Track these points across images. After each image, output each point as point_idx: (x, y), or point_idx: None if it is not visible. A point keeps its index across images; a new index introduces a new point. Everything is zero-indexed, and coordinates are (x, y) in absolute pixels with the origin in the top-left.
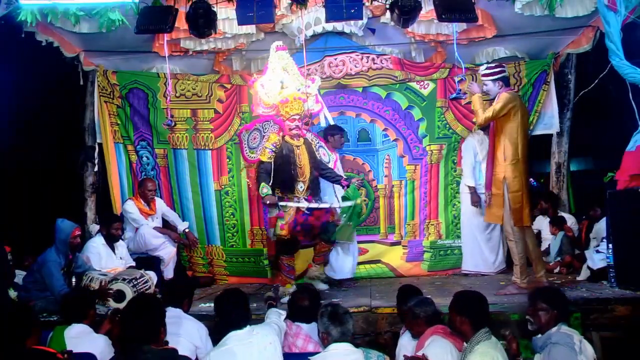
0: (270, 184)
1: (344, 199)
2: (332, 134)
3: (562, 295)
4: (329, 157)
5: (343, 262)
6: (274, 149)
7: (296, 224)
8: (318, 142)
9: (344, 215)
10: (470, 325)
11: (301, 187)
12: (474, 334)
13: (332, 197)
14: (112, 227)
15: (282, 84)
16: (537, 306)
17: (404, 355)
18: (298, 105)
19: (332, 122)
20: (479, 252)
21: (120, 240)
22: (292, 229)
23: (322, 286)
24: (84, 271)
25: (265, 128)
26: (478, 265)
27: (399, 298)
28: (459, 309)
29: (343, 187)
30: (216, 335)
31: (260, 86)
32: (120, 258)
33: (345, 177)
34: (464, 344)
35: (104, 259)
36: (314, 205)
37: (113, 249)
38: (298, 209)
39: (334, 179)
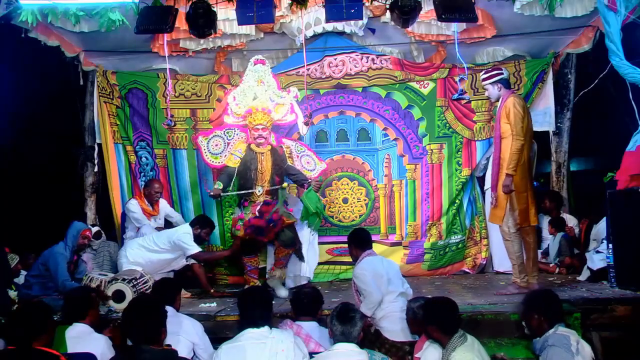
0: (230, 187)
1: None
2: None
3: (552, 299)
4: (315, 166)
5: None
6: (239, 156)
7: (248, 226)
8: (302, 151)
9: (302, 217)
10: (440, 333)
11: (259, 190)
12: (448, 341)
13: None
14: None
15: (254, 95)
16: (527, 312)
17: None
18: (262, 116)
19: (303, 133)
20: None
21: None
22: (245, 229)
23: (282, 292)
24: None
25: (230, 135)
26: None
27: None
28: (427, 318)
29: (304, 188)
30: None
31: (232, 98)
32: None
33: (309, 181)
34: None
35: None
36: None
37: None
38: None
39: (300, 183)
